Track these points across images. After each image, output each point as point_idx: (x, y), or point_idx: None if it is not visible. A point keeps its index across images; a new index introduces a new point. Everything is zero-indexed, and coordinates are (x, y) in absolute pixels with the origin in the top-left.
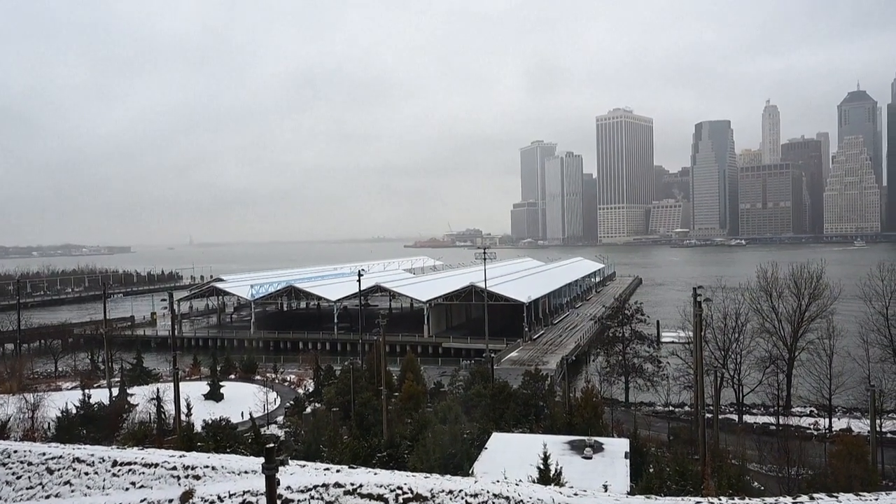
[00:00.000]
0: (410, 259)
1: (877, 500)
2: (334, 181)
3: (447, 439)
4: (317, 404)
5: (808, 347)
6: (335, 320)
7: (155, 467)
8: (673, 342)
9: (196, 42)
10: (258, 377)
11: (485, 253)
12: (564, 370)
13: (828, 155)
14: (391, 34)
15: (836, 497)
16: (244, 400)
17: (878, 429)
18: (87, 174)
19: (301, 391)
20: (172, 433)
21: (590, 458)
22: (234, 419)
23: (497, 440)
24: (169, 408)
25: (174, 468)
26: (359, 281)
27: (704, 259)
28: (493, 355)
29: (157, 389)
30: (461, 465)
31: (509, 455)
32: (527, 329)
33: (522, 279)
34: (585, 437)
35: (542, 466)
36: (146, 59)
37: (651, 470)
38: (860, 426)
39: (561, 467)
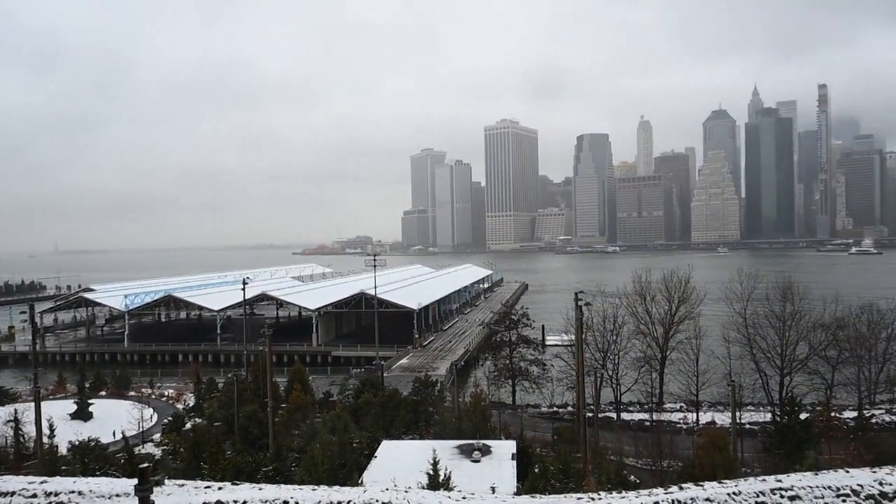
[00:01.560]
0: (299, 266)
1: (736, 486)
2: (216, 186)
3: (336, 449)
4: (197, 419)
5: (678, 347)
6: (218, 331)
7: (11, 496)
8: (557, 345)
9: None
10: (133, 393)
11: (374, 260)
12: (454, 375)
13: (695, 168)
14: (276, 40)
15: (702, 486)
16: (117, 418)
17: (737, 420)
18: None
19: (180, 406)
20: (33, 458)
21: (478, 461)
22: (105, 439)
23: (387, 448)
24: (29, 430)
25: (34, 496)
26: (243, 289)
27: (585, 265)
28: (383, 363)
29: (15, 410)
30: (350, 474)
31: (399, 462)
32: (417, 336)
33: (413, 286)
34: (474, 441)
35: (431, 472)
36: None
37: (536, 470)
38: (723, 419)
39: (450, 472)
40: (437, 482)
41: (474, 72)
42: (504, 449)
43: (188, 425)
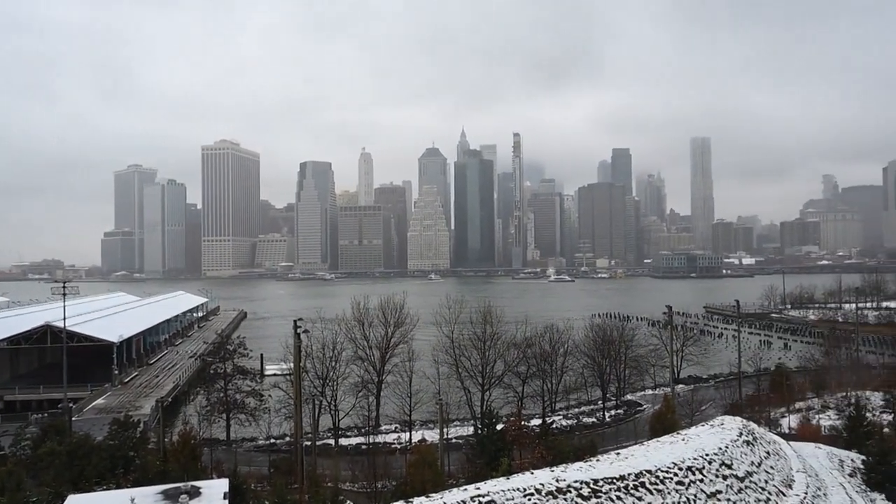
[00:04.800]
0: None
1: (442, 497)
2: None
3: None
4: None
5: (394, 370)
6: None
7: None
8: (276, 374)
9: None
10: None
11: (64, 287)
12: (160, 414)
13: (411, 200)
14: None
15: (412, 502)
16: None
17: (445, 436)
18: None
19: None
20: None
21: None
22: None
23: (74, 503)
24: None
25: None
26: None
27: (307, 292)
28: (72, 405)
29: None
30: None
31: None
32: (117, 372)
33: (113, 316)
34: (181, 484)
35: None
36: None
37: None
38: (432, 435)
39: None
40: None
41: (192, 91)
42: (215, 489)
43: None
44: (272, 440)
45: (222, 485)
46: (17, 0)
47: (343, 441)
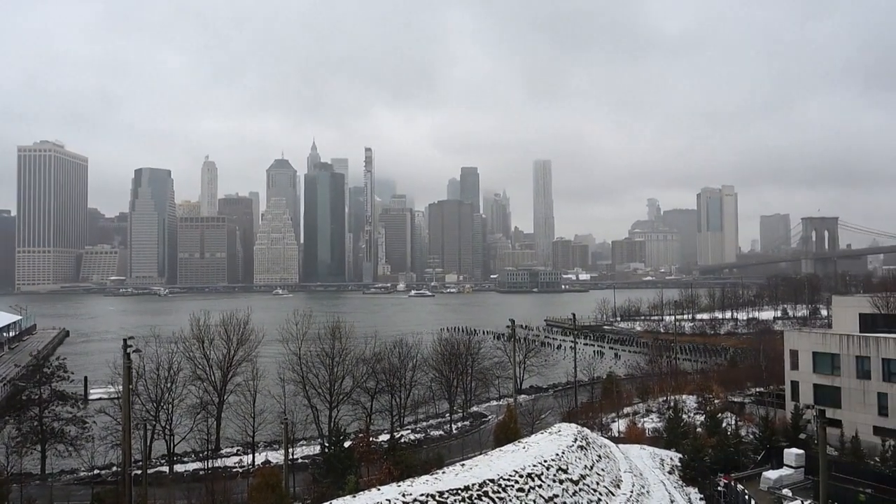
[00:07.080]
0: None
1: None
2: None
3: None
4: None
5: (236, 390)
6: None
7: None
8: (102, 398)
9: None
10: None
11: None
12: None
13: (259, 212)
14: None
15: None
16: None
17: (291, 456)
18: None
19: None
20: None
21: None
22: None
23: None
24: None
25: None
26: None
27: (141, 308)
28: None
29: None
30: None
31: None
32: None
33: None
34: None
35: None
36: None
37: None
38: (277, 457)
39: None
40: None
41: (5, 87)
42: None
43: None
44: (96, 471)
45: None
46: None
47: (178, 467)
